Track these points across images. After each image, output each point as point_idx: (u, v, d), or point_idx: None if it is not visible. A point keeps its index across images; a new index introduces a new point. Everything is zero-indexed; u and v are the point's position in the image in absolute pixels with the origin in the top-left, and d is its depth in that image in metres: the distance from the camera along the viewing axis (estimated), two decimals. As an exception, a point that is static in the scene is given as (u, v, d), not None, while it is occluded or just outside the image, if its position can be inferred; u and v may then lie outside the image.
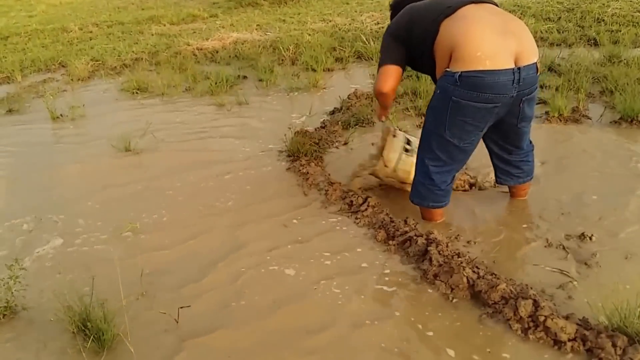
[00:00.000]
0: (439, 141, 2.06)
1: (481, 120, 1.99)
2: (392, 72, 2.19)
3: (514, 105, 1.99)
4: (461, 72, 1.91)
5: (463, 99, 1.93)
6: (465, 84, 1.91)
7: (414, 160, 2.29)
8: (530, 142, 2.30)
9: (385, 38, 2.25)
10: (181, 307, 1.81)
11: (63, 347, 1.72)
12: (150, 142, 3.52)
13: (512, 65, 1.90)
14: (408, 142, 2.45)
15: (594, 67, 4.20)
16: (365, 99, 3.99)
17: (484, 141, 2.26)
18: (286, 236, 2.27)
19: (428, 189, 2.16)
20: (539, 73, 2.00)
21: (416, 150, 2.25)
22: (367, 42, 5.64)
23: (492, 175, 2.42)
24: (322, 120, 3.65)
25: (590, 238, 2.06)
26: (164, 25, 8.64)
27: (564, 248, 2.02)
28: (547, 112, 3.36)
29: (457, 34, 1.93)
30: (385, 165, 2.42)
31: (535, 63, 1.97)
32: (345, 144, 3.26)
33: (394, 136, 2.43)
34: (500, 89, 1.90)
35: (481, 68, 1.88)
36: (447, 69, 1.96)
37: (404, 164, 2.42)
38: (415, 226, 2.19)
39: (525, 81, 1.93)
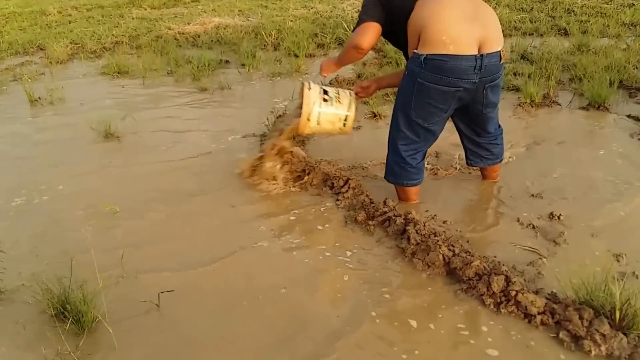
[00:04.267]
0: (406, 120, 2.13)
1: (444, 103, 2.05)
2: (372, 28, 2.11)
3: (477, 91, 2.05)
4: (426, 54, 1.96)
5: (427, 81, 2.00)
6: (429, 66, 1.97)
7: (336, 111, 2.30)
8: (499, 126, 2.36)
9: (365, 1, 2.18)
10: (161, 292, 1.79)
11: (42, 329, 1.69)
12: (131, 125, 3.49)
13: (475, 52, 1.95)
14: (325, 92, 2.33)
15: (564, 56, 4.33)
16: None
17: (454, 123, 2.32)
18: (270, 218, 2.30)
19: (400, 167, 2.22)
20: (502, 61, 2.04)
21: (335, 98, 2.28)
22: (348, 29, 5.66)
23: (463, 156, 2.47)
24: (304, 105, 3.67)
25: (559, 217, 2.15)
26: (145, 9, 8.49)
27: (534, 227, 2.11)
28: (519, 98, 3.46)
29: (427, 15, 1.97)
30: (308, 119, 2.31)
31: (499, 52, 2.01)
32: (327, 128, 3.29)
33: (309, 89, 2.31)
34: (462, 74, 1.96)
35: (445, 52, 1.93)
36: (415, 51, 2.02)
37: (325, 114, 2.33)
38: (394, 207, 2.25)
39: (488, 68, 1.98)
